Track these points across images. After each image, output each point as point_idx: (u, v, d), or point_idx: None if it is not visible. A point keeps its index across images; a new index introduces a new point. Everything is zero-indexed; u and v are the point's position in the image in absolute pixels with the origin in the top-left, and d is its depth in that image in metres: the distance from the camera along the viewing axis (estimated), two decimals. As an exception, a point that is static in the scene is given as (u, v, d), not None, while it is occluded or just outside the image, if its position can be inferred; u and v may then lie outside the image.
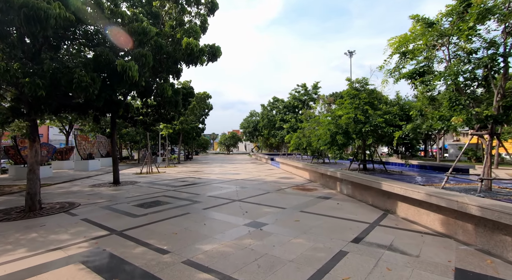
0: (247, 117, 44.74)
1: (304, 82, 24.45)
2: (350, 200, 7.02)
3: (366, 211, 5.87)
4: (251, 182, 10.93)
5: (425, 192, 4.50)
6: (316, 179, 10.67)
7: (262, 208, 6.24)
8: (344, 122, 11.14)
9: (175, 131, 25.54)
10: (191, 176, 13.65)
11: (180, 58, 7.32)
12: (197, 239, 4.20)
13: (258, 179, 12.11)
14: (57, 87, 5.51)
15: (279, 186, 9.82)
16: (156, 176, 14.08)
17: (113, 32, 6.44)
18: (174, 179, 12.57)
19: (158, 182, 11.32)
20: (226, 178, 12.46)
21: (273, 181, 11.30)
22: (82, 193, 8.69)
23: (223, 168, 18.82)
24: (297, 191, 8.54)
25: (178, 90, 8.98)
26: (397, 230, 4.52)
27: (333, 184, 8.85)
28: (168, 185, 10.37)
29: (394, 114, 11.28)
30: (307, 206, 6.36)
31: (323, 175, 9.68)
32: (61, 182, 11.69)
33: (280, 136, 24.87)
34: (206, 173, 15.24)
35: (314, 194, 7.96)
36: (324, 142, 12.14)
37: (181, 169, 18.41)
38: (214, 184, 10.69)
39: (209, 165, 22.34)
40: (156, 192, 8.81)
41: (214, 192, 8.69)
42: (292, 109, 25.63)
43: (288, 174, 13.94)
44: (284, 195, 7.97)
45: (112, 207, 6.55)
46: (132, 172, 16.76)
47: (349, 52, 48.96)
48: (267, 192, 8.52)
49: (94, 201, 7.39)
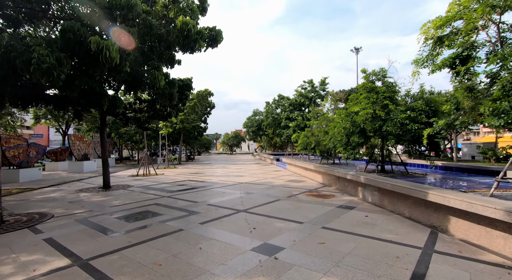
0: (250, 116, 43.49)
1: (311, 78, 23.13)
2: (379, 211, 5.76)
3: (407, 227, 4.61)
4: (257, 186, 9.71)
5: (504, 208, 3.24)
6: (331, 182, 9.42)
7: (273, 223, 5.01)
8: (362, 119, 9.86)
9: (176, 131, 24.43)
10: (190, 179, 12.47)
11: (174, 41, 6.12)
12: (188, 275, 2.99)
13: (265, 182, 10.88)
14: (15, 71, 4.34)
15: (289, 191, 8.59)
16: (153, 178, 12.92)
17: (91, 8, 5.27)
18: (171, 182, 11.40)
19: (154, 186, 10.15)
20: (229, 181, 11.26)
21: (282, 184, 10.07)
22: (63, 201, 7.54)
23: (226, 169, 17.62)
24: (312, 198, 7.30)
25: (173, 81, 7.79)
26: (465, 261, 3.26)
27: (354, 190, 7.59)
28: (163, 190, 9.19)
29: (419, 110, 9.97)
30: (329, 220, 5.13)
31: (341, 178, 8.43)
32: (46, 186, 10.58)
33: (285, 135, 23.60)
34: (207, 175, 14.06)
35: (333, 202, 6.71)
36: (339, 143, 10.88)
37: (181, 171, 17.26)
38: (216, 188, 9.49)
39: (211, 166, 21.17)
40: (149, 199, 7.64)
41: (215, 199, 7.48)
42: (298, 107, 24.33)
43: (297, 177, 12.70)
44: (297, 203, 6.74)
45: (90, 220, 5.37)
46: (128, 173, 15.65)
47: (355, 49, 47.61)
48: (277, 198, 7.29)
49: (72, 211, 6.22)
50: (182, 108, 11.55)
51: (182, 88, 9.37)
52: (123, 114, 9.82)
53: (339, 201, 6.88)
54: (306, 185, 9.93)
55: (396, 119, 9.61)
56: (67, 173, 16.64)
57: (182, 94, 9.64)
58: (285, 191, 8.54)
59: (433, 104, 10.16)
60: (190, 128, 24.55)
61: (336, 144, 11.05)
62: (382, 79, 11.28)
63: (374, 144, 11.78)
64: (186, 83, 9.32)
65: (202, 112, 29.73)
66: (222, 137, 59.33)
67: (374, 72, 11.40)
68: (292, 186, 9.60)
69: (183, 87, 9.33)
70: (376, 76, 11.40)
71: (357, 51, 46.87)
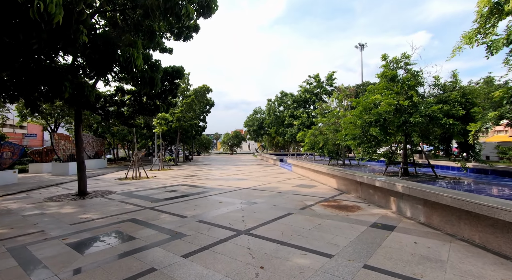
0: (251, 115, 41.93)
1: (317, 73, 21.51)
2: (431, 234, 4.19)
3: (491, 265, 3.05)
4: (261, 193, 8.15)
5: None
6: (349, 189, 7.85)
7: (289, 256, 3.45)
8: (384, 109, 8.29)
9: (172, 130, 22.89)
10: (184, 183, 10.91)
11: (153, 4, 4.57)
12: None
13: (270, 187, 9.32)
14: None
15: (301, 200, 7.02)
16: (141, 182, 11.38)
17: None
18: (161, 187, 9.85)
19: (139, 193, 8.61)
20: (228, 186, 9.70)
21: (290, 191, 8.50)
22: (17, 215, 5.99)
23: (226, 171, 16.06)
24: (332, 211, 5.73)
25: (157, 64, 6.24)
26: None
27: (383, 200, 6.03)
28: (149, 198, 7.64)
29: (453, 101, 8.39)
30: (368, 250, 3.56)
31: (364, 184, 6.86)
32: (14, 193, 9.05)
33: (289, 134, 22.03)
34: (204, 178, 12.50)
35: (362, 218, 5.14)
36: (353, 136, 9.30)
37: (176, 173, 15.71)
38: (212, 195, 7.94)
39: (209, 167, 19.61)
40: (126, 211, 6.09)
41: (209, 212, 5.92)
42: (303, 104, 22.74)
43: (305, 180, 11.13)
44: (315, 219, 5.17)
45: (27, 250, 3.82)
46: (117, 176, 14.10)
47: (360, 45, 46.04)
48: (288, 212, 5.73)
49: (15, 232, 4.68)
50: (174, 102, 10.00)
51: (171, 75, 7.81)
52: (102, 108, 8.26)
53: (369, 216, 5.31)
54: (318, 191, 8.35)
55: (424, 112, 8.05)
56: (50, 175, 15.11)
57: (172, 83, 8.09)
58: (295, 200, 6.97)
59: (469, 95, 8.58)
60: (187, 127, 22.99)
61: (350, 139, 9.47)
62: (405, 67, 9.71)
63: (395, 142, 10.21)
64: (176, 69, 7.78)
65: (200, 110, 28.18)
66: (222, 137, 57.77)
67: (395, 59, 9.83)
68: (302, 193, 8.03)
69: (172, 74, 7.77)
70: (398, 64, 9.84)
71: (361, 48, 45.28)
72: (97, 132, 23.62)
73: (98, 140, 21.88)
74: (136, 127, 10.89)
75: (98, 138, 22.19)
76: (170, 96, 8.58)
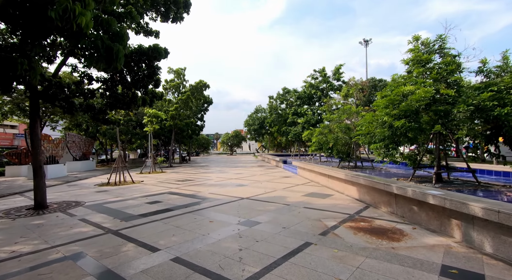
0: (252, 114, 40.23)
1: (323, 67, 19.74)
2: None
3: None
4: (264, 206, 6.44)
5: None
6: (377, 201, 6.14)
7: None
8: (419, 96, 6.60)
9: (166, 129, 21.22)
10: (172, 190, 9.21)
11: None
12: None
13: (275, 197, 7.62)
14: None
15: (318, 217, 5.31)
16: (123, 189, 9.68)
17: None
18: (143, 196, 8.16)
19: (112, 205, 6.92)
20: (224, 195, 8.01)
21: (301, 202, 6.80)
22: None
23: (223, 175, 14.35)
24: (367, 239, 4.02)
25: (121, 33, 4.49)
26: None
27: (436, 222, 4.31)
28: (120, 214, 5.95)
29: (506, 87, 6.68)
30: None
31: (402, 198, 5.14)
32: (-41, 204, 7.36)
33: (293, 133, 20.31)
34: (197, 184, 10.80)
35: (417, 254, 3.43)
36: (383, 136, 7.59)
37: (167, 176, 14.01)
38: (202, 209, 6.24)
39: (206, 170, 17.89)
40: (79, 238, 4.39)
41: (192, 241, 4.21)
42: (307, 101, 21.00)
43: (316, 187, 9.42)
44: (348, 256, 3.46)
45: None
46: (99, 180, 12.41)
47: (365, 41, 44.37)
48: (304, 240, 4.02)
49: None
50: (159, 94, 8.27)
51: (147, 55, 6.07)
52: (65, 99, 6.56)
53: (426, 249, 3.59)
54: (337, 203, 6.64)
55: (471, 102, 6.35)
56: (26, 180, 13.44)
57: (149, 67, 6.36)
58: (311, 218, 5.26)
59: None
60: (182, 125, 21.30)
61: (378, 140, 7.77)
62: (441, 52, 7.99)
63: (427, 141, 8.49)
64: (154, 48, 6.06)
65: (198, 108, 26.51)
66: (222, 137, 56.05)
67: (426, 41, 8.13)
68: (317, 206, 6.32)
69: (148, 54, 6.02)
70: (430, 47, 8.13)
71: (366, 44, 43.63)
72: (88, 131, 21.96)
73: (86, 139, 20.22)
74: (112, 124, 9.20)
75: (86, 138, 20.53)
76: (151, 84, 6.87)
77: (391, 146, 7.92)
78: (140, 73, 6.29)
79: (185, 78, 23.24)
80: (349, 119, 13.66)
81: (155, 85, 6.96)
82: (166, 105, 22.09)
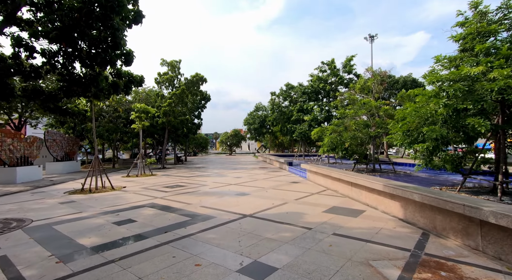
0: (252, 112, 38.29)
1: (332, 58, 17.82)
2: None
3: None
4: (276, 229, 4.54)
5: None
6: (441, 226, 4.24)
7: None
8: (501, 80, 4.74)
9: (158, 126, 19.29)
10: (155, 202, 7.29)
11: None
12: None
13: (288, 213, 5.71)
14: None
15: (364, 259, 3.41)
16: (95, 199, 7.76)
17: None
18: (115, 210, 6.25)
19: (66, 226, 5.00)
20: (221, 210, 6.09)
21: (328, 225, 4.89)
22: None
23: (221, 179, 12.43)
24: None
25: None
26: None
27: None
28: (66, 245, 4.04)
29: None
30: None
31: (496, 228, 3.25)
32: None
33: (299, 132, 18.40)
34: (189, 192, 8.88)
35: None
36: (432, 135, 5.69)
37: (156, 180, 12.10)
38: (188, 236, 4.33)
39: (202, 172, 15.96)
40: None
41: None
42: (314, 96, 19.09)
43: (335, 196, 7.52)
44: None
45: None
46: (74, 186, 10.47)
47: (370, 37, 42.46)
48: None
49: None
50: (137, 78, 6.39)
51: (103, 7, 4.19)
52: (-2, 79, 4.62)
53: None
54: (377, 226, 4.73)
55: None
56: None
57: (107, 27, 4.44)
58: (353, 260, 3.36)
59: None
60: (177, 123, 19.36)
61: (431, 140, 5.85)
62: (503, 22, 6.11)
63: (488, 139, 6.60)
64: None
65: (194, 105, 24.57)
66: (221, 136, 54.09)
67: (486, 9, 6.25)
68: (351, 231, 4.41)
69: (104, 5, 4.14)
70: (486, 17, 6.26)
71: (371, 39, 41.76)
72: (75, 129, 19.98)
73: (69, 138, 18.28)
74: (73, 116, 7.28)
75: (69, 136, 18.58)
76: (121, 60, 4.95)
77: (441, 147, 6.03)
78: (98, 38, 4.40)
79: (180, 71, 21.28)
80: (366, 115, 11.79)
81: (126, 62, 5.05)
82: (159, 101, 20.15)
